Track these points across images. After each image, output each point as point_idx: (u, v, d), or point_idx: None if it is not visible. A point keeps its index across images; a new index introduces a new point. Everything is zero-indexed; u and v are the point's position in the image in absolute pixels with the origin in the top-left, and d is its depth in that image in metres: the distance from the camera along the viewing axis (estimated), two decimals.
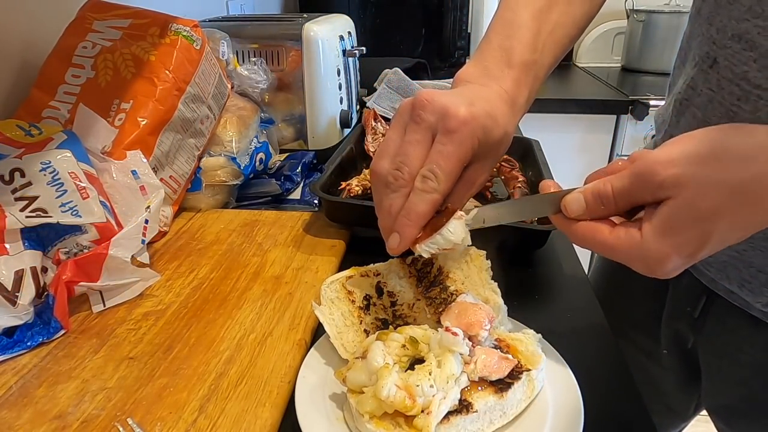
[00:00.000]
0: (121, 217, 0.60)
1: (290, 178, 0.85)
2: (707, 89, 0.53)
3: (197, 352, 0.49)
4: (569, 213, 0.40)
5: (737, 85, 0.49)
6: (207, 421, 0.41)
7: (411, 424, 0.37)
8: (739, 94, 0.49)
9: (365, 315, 0.47)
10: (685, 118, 0.57)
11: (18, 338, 0.49)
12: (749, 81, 0.47)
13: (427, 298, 0.47)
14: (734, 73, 0.49)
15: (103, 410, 0.42)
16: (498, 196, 0.80)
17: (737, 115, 0.49)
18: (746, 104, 0.48)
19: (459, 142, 0.41)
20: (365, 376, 0.39)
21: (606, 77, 2.04)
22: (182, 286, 0.59)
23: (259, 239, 0.69)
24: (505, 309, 0.48)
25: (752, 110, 0.48)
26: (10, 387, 0.45)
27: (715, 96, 0.52)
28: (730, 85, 0.50)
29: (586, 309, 0.57)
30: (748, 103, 0.48)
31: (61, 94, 0.67)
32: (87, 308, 0.54)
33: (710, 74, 0.53)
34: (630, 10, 2.07)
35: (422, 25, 1.66)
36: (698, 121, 0.55)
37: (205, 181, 0.77)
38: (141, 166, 0.64)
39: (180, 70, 0.71)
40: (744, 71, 0.48)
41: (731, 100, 0.50)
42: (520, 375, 0.41)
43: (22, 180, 0.54)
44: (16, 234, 0.52)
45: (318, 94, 0.99)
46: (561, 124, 1.76)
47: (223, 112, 0.83)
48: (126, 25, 0.71)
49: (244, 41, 0.98)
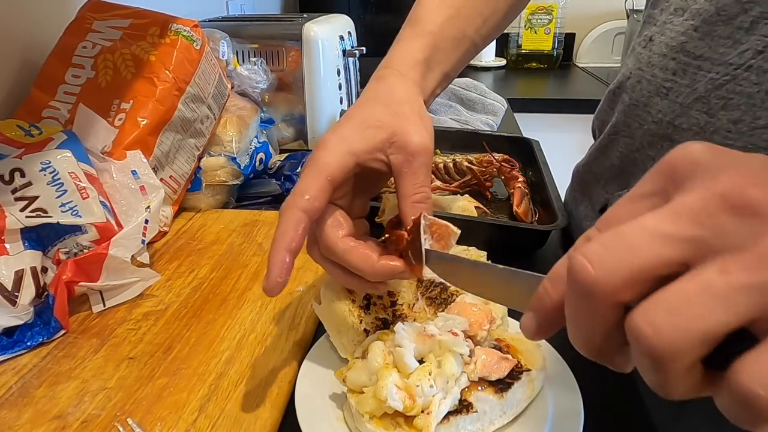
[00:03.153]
0: (121, 217, 0.60)
1: (290, 178, 0.85)
2: (637, 69, 0.53)
3: (197, 352, 0.49)
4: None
5: (673, 58, 0.49)
6: (207, 421, 0.41)
7: (411, 424, 0.37)
8: (674, 68, 0.48)
9: (365, 315, 0.47)
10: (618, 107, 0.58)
11: (18, 338, 0.49)
12: (688, 52, 0.47)
13: (427, 298, 0.47)
14: (670, 47, 0.49)
15: (103, 410, 0.42)
16: (498, 196, 0.80)
17: (671, 91, 0.49)
18: (683, 78, 0.48)
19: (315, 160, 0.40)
20: (365, 376, 0.39)
21: (606, 77, 2.04)
22: (182, 286, 0.59)
23: (259, 239, 0.69)
24: (505, 309, 0.48)
25: (689, 83, 0.47)
26: (10, 387, 0.45)
27: (644, 75, 0.52)
28: (663, 60, 0.50)
29: None
30: (686, 77, 0.47)
31: (61, 94, 0.67)
32: (87, 308, 0.54)
33: (642, 54, 0.52)
34: (630, 10, 2.07)
35: None
36: (625, 106, 0.56)
37: (205, 181, 0.77)
38: (141, 166, 0.64)
39: (180, 70, 0.71)
40: (682, 42, 0.48)
41: (664, 77, 0.49)
42: (520, 375, 0.41)
43: (22, 180, 0.54)
44: (16, 234, 0.52)
45: (318, 94, 0.99)
46: (561, 124, 1.76)
47: (223, 112, 0.83)
48: (126, 25, 0.71)
49: (244, 41, 0.98)
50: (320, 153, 0.40)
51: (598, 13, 2.23)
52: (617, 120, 0.59)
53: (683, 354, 0.19)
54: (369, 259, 0.39)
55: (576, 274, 0.22)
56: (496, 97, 1.33)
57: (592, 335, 0.23)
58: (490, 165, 0.80)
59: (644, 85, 0.52)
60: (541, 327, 0.26)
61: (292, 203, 0.38)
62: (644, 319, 0.20)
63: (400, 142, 0.41)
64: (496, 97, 1.33)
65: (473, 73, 2.08)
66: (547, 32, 2.14)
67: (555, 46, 2.18)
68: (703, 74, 0.46)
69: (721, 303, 0.19)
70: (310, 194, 0.38)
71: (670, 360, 0.20)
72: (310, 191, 0.38)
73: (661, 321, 0.19)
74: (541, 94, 1.92)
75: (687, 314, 0.19)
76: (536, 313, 0.26)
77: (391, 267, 0.39)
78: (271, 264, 0.37)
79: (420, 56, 0.47)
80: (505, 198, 0.79)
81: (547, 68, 2.21)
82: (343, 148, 0.40)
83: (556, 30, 2.13)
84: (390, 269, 0.39)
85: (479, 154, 0.82)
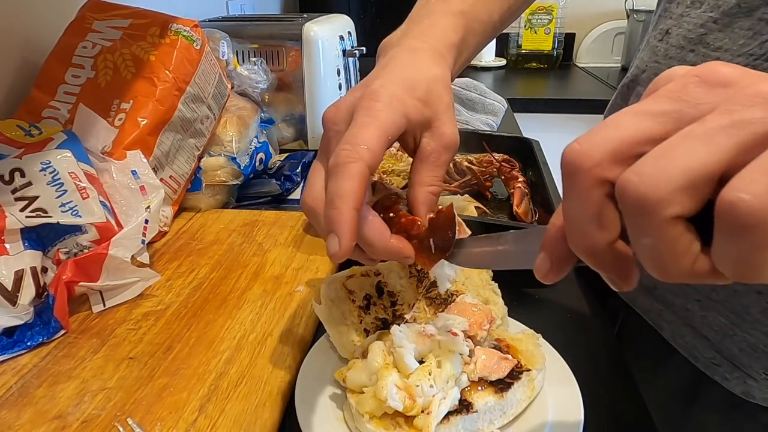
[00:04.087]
0: (121, 217, 0.60)
1: (290, 178, 0.85)
2: (653, 62, 0.53)
3: (197, 352, 0.49)
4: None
5: (692, 50, 0.49)
6: (207, 421, 0.41)
7: (411, 424, 0.37)
8: (693, 60, 0.48)
9: (365, 315, 0.47)
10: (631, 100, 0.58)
11: (18, 338, 0.49)
12: (707, 44, 0.47)
13: (427, 298, 0.47)
14: (688, 39, 0.49)
15: (103, 410, 0.42)
16: (498, 196, 0.80)
17: None
18: None
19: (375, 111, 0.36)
20: (365, 376, 0.39)
21: (606, 77, 2.04)
22: (182, 286, 0.59)
23: (259, 239, 0.69)
24: (505, 309, 0.48)
25: None
26: (10, 387, 0.45)
27: (661, 67, 0.51)
28: (681, 53, 0.50)
29: (586, 309, 0.57)
30: None
31: (61, 94, 0.67)
32: (87, 308, 0.54)
33: (658, 47, 0.52)
34: (630, 10, 2.07)
35: None
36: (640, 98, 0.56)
37: (205, 181, 0.77)
38: (141, 166, 0.64)
39: (180, 70, 0.71)
40: (701, 34, 0.48)
41: None
42: (520, 375, 0.41)
43: (22, 180, 0.54)
44: (16, 234, 0.52)
45: (318, 94, 0.99)
46: (561, 124, 1.76)
47: (223, 112, 0.83)
48: (126, 25, 0.71)
49: (244, 41, 0.98)
50: (378, 105, 0.36)
51: (598, 13, 2.24)
52: None
53: (667, 197, 0.20)
54: (383, 236, 0.36)
55: (563, 156, 0.23)
56: (496, 97, 1.32)
57: (583, 222, 0.23)
58: (490, 165, 0.80)
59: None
60: (553, 263, 0.26)
61: (354, 155, 0.33)
62: (630, 171, 0.21)
63: (437, 130, 0.39)
64: (496, 97, 1.32)
65: (473, 73, 2.08)
66: (547, 32, 2.14)
67: (555, 46, 2.18)
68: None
69: (701, 143, 0.20)
70: (370, 146, 0.34)
71: (654, 207, 0.20)
72: (370, 143, 0.34)
73: (646, 168, 0.20)
74: (541, 94, 1.92)
75: (669, 157, 0.20)
76: (546, 249, 0.26)
77: (400, 250, 0.37)
78: (342, 226, 0.32)
79: (455, 38, 0.45)
80: (505, 198, 0.79)
81: (547, 68, 2.21)
82: (400, 108, 0.37)
83: (556, 30, 2.14)
84: (398, 251, 0.37)
85: (479, 154, 0.82)
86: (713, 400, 0.55)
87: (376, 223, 0.36)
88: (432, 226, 0.38)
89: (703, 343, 0.54)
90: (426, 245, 0.37)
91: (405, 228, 0.38)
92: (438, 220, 0.38)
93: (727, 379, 0.53)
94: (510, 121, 1.33)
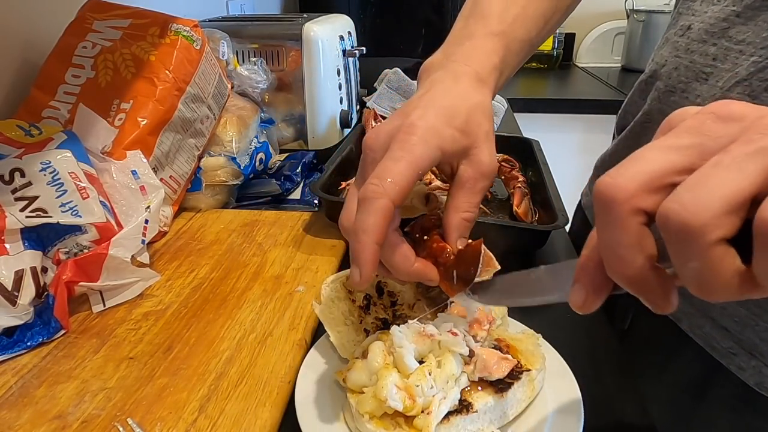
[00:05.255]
0: (121, 217, 0.60)
1: (290, 178, 0.85)
2: (674, 57, 0.53)
3: (197, 352, 0.49)
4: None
5: (714, 44, 0.49)
6: (207, 421, 0.41)
7: (411, 424, 0.37)
8: (714, 54, 0.49)
9: (365, 315, 0.47)
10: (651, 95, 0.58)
11: (18, 338, 0.49)
12: (730, 37, 0.48)
13: (427, 299, 0.47)
14: (710, 33, 0.49)
15: (103, 410, 0.42)
16: (498, 196, 0.80)
17: (711, 75, 0.50)
18: (724, 62, 0.48)
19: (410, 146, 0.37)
20: (365, 376, 0.39)
21: (606, 77, 2.04)
22: (182, 286, 0.59)
23: (259, 239, 0.69)
24: (505, 309, 0.48)
25: (731, 67, 0.48)
26: (10, 387, 0.45)
27: (682, 61, 0.52)
28: (703, 46, 0.50)
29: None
30: (727, 61, 0.48)
31: (61, 94, 0.67)
32: (87, 308, 0.54)
33: (679, 42, 0.53)
34: (630, 10, 2.07)
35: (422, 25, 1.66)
36: (660, 93, 0.56)
37: (205, 181, 0.77)
38: (141, 166, 0.64)
39: (180, 70, 0.71)
40: (723, 28, 0.48)
41: (704, 62, 0.50)
42: (520, 375, 0.41)
43: (22, 180, 0.54)
44: (16, 234, 0.52)
45: (318, 94, 0.98)
46: (561, 124, 1.76)
47: (223, 112, 0.83)
48: (126, 25, 0.71)
49: (244, 41, 0.98)
50: (413, 139, 0.37)
51: (598, 13, 2.24)
52: (650, 107, 0.59)
53: (710, 222, 0.21)
54: (407, 261, 0.38)
55: (597, 189, 0.24)
56: (496, 97, 1.32)
57: (622, 250, 0.24)
58: None
59: (682, 71, 0.52)
60: (589, 293, 0.27)
61: (380, 190, 0.35)
62: (670, 200, 0.22)
63: (475, 158, 0.40)
64: (496, 97, 1.32)
65: None
66: None
67: (555, 46, 2.18)
68: (746, 58, 0.47)
69: (732, 170, 0.21)
70: (398, 182, 0.35)
71: (699, 231, 0.21)
72: (398, 178, 0.35)
73: (685, 197, 0.22)
74: (541, 94, 1.92)
75: (706, 185, 0.22)
76: (581, 280, 0.27)
77: (425, 273, 0.38)
78: (364, 259, 0.35)
79: (497, 60, 0.46)
80: (505, 198, 0.79)
81: (547, 68, 2.21)
82: (435, 142, 0.38)
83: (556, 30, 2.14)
84: (422, 275, 0.38)
85: None
86: (724, 395, 0.55)
87: (403, 249, 0.38)
88: (459, 257, 0.38)
89: (722, 334, 0.54)
90: (450, 275, 0.38)
91: (434, 254, 0.39)
92: (465, 252, 0.38)
93: (742, 369, 0.53)
94: (510, 121, 1.33)
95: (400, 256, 0.38)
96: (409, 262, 0.38)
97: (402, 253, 0.38)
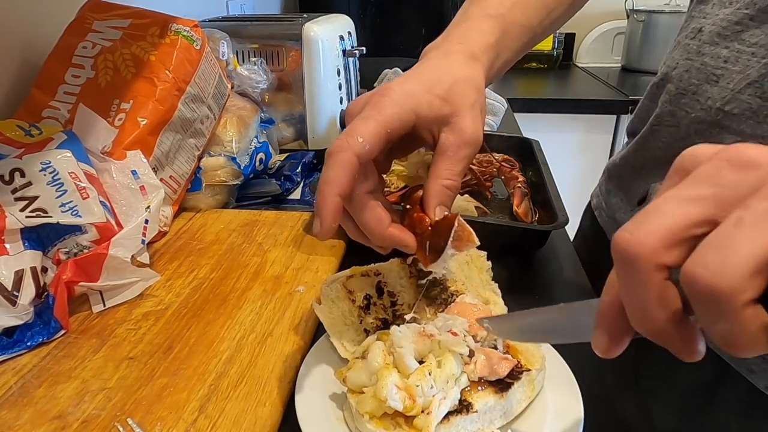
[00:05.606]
0: (121, 217, 0.60)
1: (290, 178, 0.85)
2: (685, 60, 0.54)
3: (197, 352, 0.49)
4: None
5: (726, 47, 0.49)
6: (207, 421, 0.41)
7: (411, 424, 0.37)
8: (726, 56, 0.49)
9: (365, 315, 0.47)
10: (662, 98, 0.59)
11: (18, 338, 0.49)
12: (743, 40, 0.48)
13: (427, 298, 0.47)
14: (722, 36, 0.50)
15: (103, 410, 0.42)
16: (498, 196, 0.80)
17: (722, 78, 0.50)
18: (735, 65, 0.49)
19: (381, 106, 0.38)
20: (365, 376, 0.39)
21: (606, 77, 2.04)
22: (182, 286, 0.59)
23: (259, 239, 0.69)
24: (505, 309, 0.48)
25: (742, 69, 0.48)
26: (10, 387, 0.45)
27: (693, 63, 0.52)
28: (714, 49, 0.50)
29: None
30: (738, 63, 0.49)
31: (61, 94, 0.67)
32: (87, 308, 0.54)
33: (691, 45, 0.53)
34: (630, 10, 2.07)
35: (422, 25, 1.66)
36: (671, 96, 0.56)
37: (205, 181, 0.77)
38: (141, 166, 0.64)
39: (180, 70, 0.71)
40: (737, 31, 0.49)
41: (715, 64, 0.50)
42: (520, 375, 0.41)
43: (22, 180, 0.54)
44: (16, 234, 0.52)
45: (318, 94, 0.98)
46: (561, 124, 1.76)
47: (223, 112, 0.83)
48: (126, 25, 0.71)
49: (244, 41, 0.98)
50: (384, 100, 0.38)
51: (598, 13, 2.24)
52: (661, 111, 0.59)
53: (739, 286, 0.21)
54: (381, 224, 0.38)
55: (617, 245, 0.24)
56: (496, 97, 1.32)
57: (647, 306, 0.24)
58: (490, 165, 0.80)
59: (693, 74, 0.53)
60: (612, 339, 0.26)
61: (345, 145, 0.36)
62: (695, 263, 0.22)
63: (456, 126, 0.40)
64: (496, 97, 1.32)
65: None
66: None
67: (555, 46, 2.18)
68: (757, 60, 0.47)
69: (755, 230, 0.21)
70: (366, 138, 0.36)
71: (728, 295, 0.21)
72: (366, 135, 0.36)
73: (711, 259, 0.21)
74: (541, 94, 1.92)
75: (731, 247, 0.21)
76: (603, 326, 0.27)
77: (399, 239, 0.39)
78: (324, 209, 0.35)
79: (492, 39, 0.46)
80: (505, 198, 0.79)
81: (547, 68, 2.21)
82: (410, 104, 0.38)
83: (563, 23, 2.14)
84: (397, 241, 0.39)
85: (479, 154, 0.82)
86: (733, 398, 0.55)
87: (377, 212, 0.38)
88: (434, 228, 0.38)
89: None
90: (425, 245, 0.38)
91: (413, 223, 0.39)
92: (440, 224, 0.38)
93: (753, 372, 0.52)
94: (510, 121, 1.33)
95: (373, 217, 0.38)
96: (382, 225, 0.38)
97: (375, 215, 0.38)
